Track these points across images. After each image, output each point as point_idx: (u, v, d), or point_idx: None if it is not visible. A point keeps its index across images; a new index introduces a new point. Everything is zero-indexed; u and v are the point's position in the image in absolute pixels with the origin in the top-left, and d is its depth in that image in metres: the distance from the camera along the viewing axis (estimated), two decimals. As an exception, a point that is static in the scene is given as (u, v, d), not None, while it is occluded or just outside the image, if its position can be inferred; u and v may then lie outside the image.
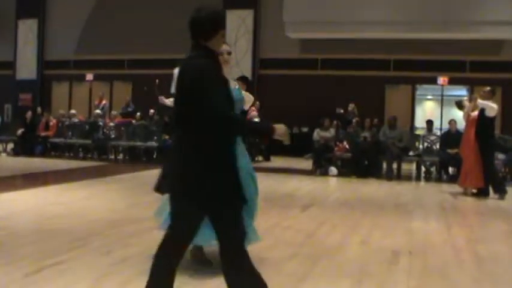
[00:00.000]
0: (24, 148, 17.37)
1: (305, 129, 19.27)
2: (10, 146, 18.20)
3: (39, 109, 20.12)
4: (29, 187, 10.15)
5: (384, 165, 14.19)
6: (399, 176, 13.91)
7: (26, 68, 24.02)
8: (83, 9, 23.13)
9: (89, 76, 23.02)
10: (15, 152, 17.49)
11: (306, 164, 15.35)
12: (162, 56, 21.49)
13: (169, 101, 13.29)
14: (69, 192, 9.82)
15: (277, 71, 20.64)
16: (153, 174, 13.15)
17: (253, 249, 5.88)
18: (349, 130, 15.58)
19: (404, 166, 14.55)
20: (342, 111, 17.90)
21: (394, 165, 13.97)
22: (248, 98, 10.32)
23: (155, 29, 21.69)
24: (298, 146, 17.89)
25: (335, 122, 16.62)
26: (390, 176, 13.63)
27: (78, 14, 23.18)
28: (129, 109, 18.92)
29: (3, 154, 17.64)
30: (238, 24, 20.78)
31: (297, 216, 8.29)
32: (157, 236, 6.31)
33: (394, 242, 6.63)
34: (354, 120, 15.94)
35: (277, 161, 17.33)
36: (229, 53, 4.58)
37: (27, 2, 24.08)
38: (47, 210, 8.04)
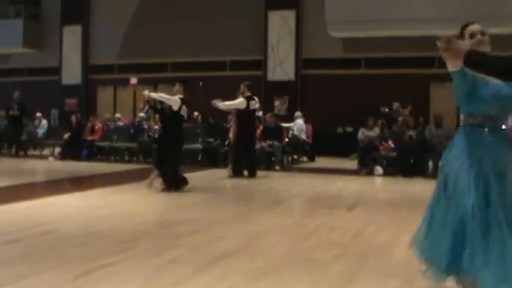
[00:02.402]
0: (70, 152, 17.67)
1: (349, 129, 19.16)
2: (57, 150, 18.52)
3: (78, 115, 20.41)
4: (76, 190, 10.29)
5: (430, 163, 14.00)
6: (446, 175, 13.67)
7: (71, 73, 24.46)
8: (125, 14, 23.45)
9: (133, 80, 23.25)
10: (62, 156, 17.81)
11: (351, 163, 15.24)
12: (205, 58, 21.70)
13: (223, 104, 13.45)
14: (116, 195, 9.93)
15: (320, 71, 20.56)
16: (198, 176, 13.34)
17: (301, 249, 5.90)
18: (394, 129, 15.41)
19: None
20: (387, 110, 17.73)
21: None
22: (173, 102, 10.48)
23: (198, 32, 21.87)
24: (342, 146, 17.85)
25: (380, 121, 16.46)
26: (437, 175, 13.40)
27: (121, 19, 23.51)
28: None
29: (51, 158, 17.93)
30: (280, 25, 20.77)
31: (344, 216, 8.23)
32: (204, 237, 6.40)
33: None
34: (399, 119, 15.76)
35: (322, 161, 17.26)
36: (482, 33, 4.08)
37: (71, 9, 24.52)
38: (94, 213, 8.13)
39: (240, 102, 13.13)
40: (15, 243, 5.99)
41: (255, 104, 13.31)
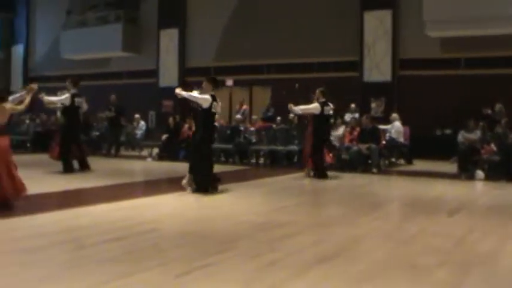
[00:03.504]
0: (168, 153, 18.09)
1: (448, 131, 18.64)
2: (155, 150, 18.98)
3: (177, 116, 20.82)
4: (174, 191, 10.45)
5: (537, 168, 13.40)
6: (554, 180, 13.09)
7: (168, 76, 25.01)
8: (221, 16, 23.76)
9: (229, 82, 23.56)
10: (160, 157, 18.24)
11: (450, 167, 14.81)
12: (300, 60, 21.68)
13: (298, 109, 13.53)
14: (213, 196, 10.02)
15: (417, 72, 20.10)
16: (294, 178, 13.34)
17: (402, 255, 5.77)
18: (497, 131, 14.84)
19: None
20: (489, 111, 17.13)
21: (548, 168, 13.16)
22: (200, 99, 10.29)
23: (293, 33, 21.90)
24: (441, 149, 17.37)
25: (481, 123, 15.89)
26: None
27: (217, 22, 23.85)
28: (269, 113, 19.20)
29: (149, 159, 18.36)
30: (376, 26, 20.48)
31: (445, 221, 8.00)
32: (303, 240, 6.38)
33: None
34: (502, 121, 15.17)
35: (419, 164, 16.88)
36: None
37: (168, 13, 25.12)
38: (193, 213, 8.31)
39: (314, 107, 13.38)
40: (117, 241, 6.18)
41: (330, 109, 13.48)
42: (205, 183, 10.31)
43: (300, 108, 13.58)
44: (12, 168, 8.13)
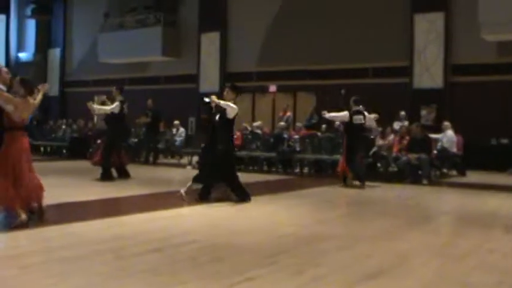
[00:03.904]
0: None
1: (505, 141, 18.32)
2: (195, 158, 19.06)
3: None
4: (214, 201, 10.43)
5: None
6: None
7: (209, 81, 25.16)
8: (264, 20, 23.82)
9: (272, 88, 23.61)
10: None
11: (506, 179, 14.54)
12: (346, 65, 21.59)
13: (328, 115, 13.60)
14: (255, 207, 10.03)
15: (471, 78, 19.82)
16: (340, 188, 13.26)
17: (454, 272, 5.67)
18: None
19: None
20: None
21: None
22: (230, 109, 10.21)
23: (338, 38, 21.84)
24: (497, 160, 17.09)
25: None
26: None
27: (260, 25, 23.91)
28: (313, 121, 19.12)
29: (189, 167, 18.46)
30: (427, 29, 20.27)
31: (501, 238, 7.83)
32: (349, 254, 6.33)
33: None
34: None
35: (473, 176, 16.61)
36: None
37: (209, 16, 25.31)
38: (233, 224, 8.31)
39: (343, 115, 13.78)
40: (155, 253, 6.22)
41: (360, 119, 13.65)
42: (244, 191, 10.46)
43: (330, 115, 13.97)
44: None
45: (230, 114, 10.38)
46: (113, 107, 13.99)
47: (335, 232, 7.67)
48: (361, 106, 13.83)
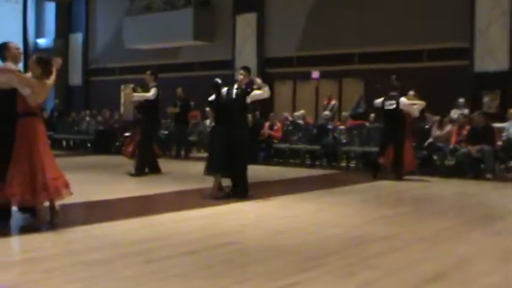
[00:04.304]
0: (248, 154, 18.14)
1: None
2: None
3: (257, 114, 20.91)
4: (253, 198, 10.53)
5: None
6: None
7: (246, 67, 25.12)
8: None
9: (315, 74, 23.48)
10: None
11: None
12: (398, 47, 21.35)
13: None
14: (298, 204, 10.06)
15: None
16: (391, 184, 13.18)
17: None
18: None
19: None
20: None
21: None
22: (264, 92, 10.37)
23: (388, 17, 21.57)
24: None
25: None
26: None
27: (301, 5, 23.74)
28: (360, 110, 19.02)
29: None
30: (491, 5, 19.80)
31: None
32: (403, 257, 6.28)
33: None
34: None
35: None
36: None
37: (245, -5, 25.27)
38: (275, 223, 8.32)
39: (378, 101, 14.54)
40: (190, 255, 6.27)
41: (391, 104, 14.15)
42: (247, 186, 10.70)
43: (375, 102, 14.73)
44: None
45: (258, 97, 10.89)
46: (153, 93, 14.15)
47: (387, 233, 7.62)
48: (396, 91, 14.20)
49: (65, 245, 6.80)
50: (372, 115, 18.25)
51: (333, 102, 20.84)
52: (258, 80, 10.96)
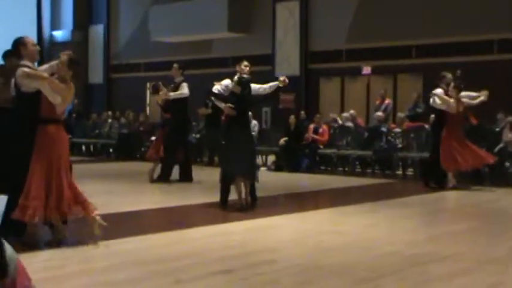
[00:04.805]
0: (288, 161, 18.17)
1: None
2: (271, 158, 19.08)
3: (303, 113, 20.85)
4: (297, 210, 10.56)
5: None
6: None
7: (287, 62, 25.05)
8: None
9: (366, 69, 23.33)
10: (277, 166, 18.33)
11: None
12: (461, 38, 21.15)
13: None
14: (347, 218, 10.01)
15: None
16: (456, 195, 13.02)
17: None
18: None
19: None
20: None
21: None
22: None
23: (449, 4, 21.38)
24: None
25: None
26: None
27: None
28: (419, 110, 18.84)
29: (263, 169, 18.39)
30: None
31: None
32: (474, 281, 6.16)
33: None
34: None
35: None
36: None
37: (286, -19, 25.23)
38: (320, 240, 8.25)
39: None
40: (223, 275, 6.25)
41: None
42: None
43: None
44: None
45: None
46: (187, 89, 14.39)
47: (452, 252, 7.51)
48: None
49: (85, 262, 6.81)
50: (432, 116, 18.03)
51: (387, 101, 20.68)
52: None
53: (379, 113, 18.90)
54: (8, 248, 3.07)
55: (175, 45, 28.16)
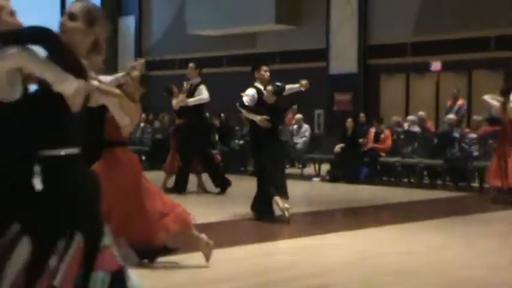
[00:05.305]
0: (344, 170, 18.10)
1: None
2: (325, 167, 19.00)
3: (362, 115, 20.72)
4: (354, 227, 10.59)
5: None
6: None
7: (343, 57, 24.97)
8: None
9: (435, 65, 23.13)
10: (332, 176, 18.21)
11: None
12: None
13: None
14: (413, 237, 9.95)
15: None
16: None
17: None
18: None
19: None
20: None
21: None
22: None
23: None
24: None
25: None
26: None
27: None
28: (497, 112, 18.62)
29: (316, 179, 18.58)
30: None
31: None
32: None
33: None
34: None
35: None
36: None
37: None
38: (383, 261, 8.19)
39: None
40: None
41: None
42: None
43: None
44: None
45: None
46: (206, 95, 14.56)
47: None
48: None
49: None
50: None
51: (460, 102, 20.50)
52: None
53: (451, 116, 18.69)
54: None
55: (214, 39, 28.25)
